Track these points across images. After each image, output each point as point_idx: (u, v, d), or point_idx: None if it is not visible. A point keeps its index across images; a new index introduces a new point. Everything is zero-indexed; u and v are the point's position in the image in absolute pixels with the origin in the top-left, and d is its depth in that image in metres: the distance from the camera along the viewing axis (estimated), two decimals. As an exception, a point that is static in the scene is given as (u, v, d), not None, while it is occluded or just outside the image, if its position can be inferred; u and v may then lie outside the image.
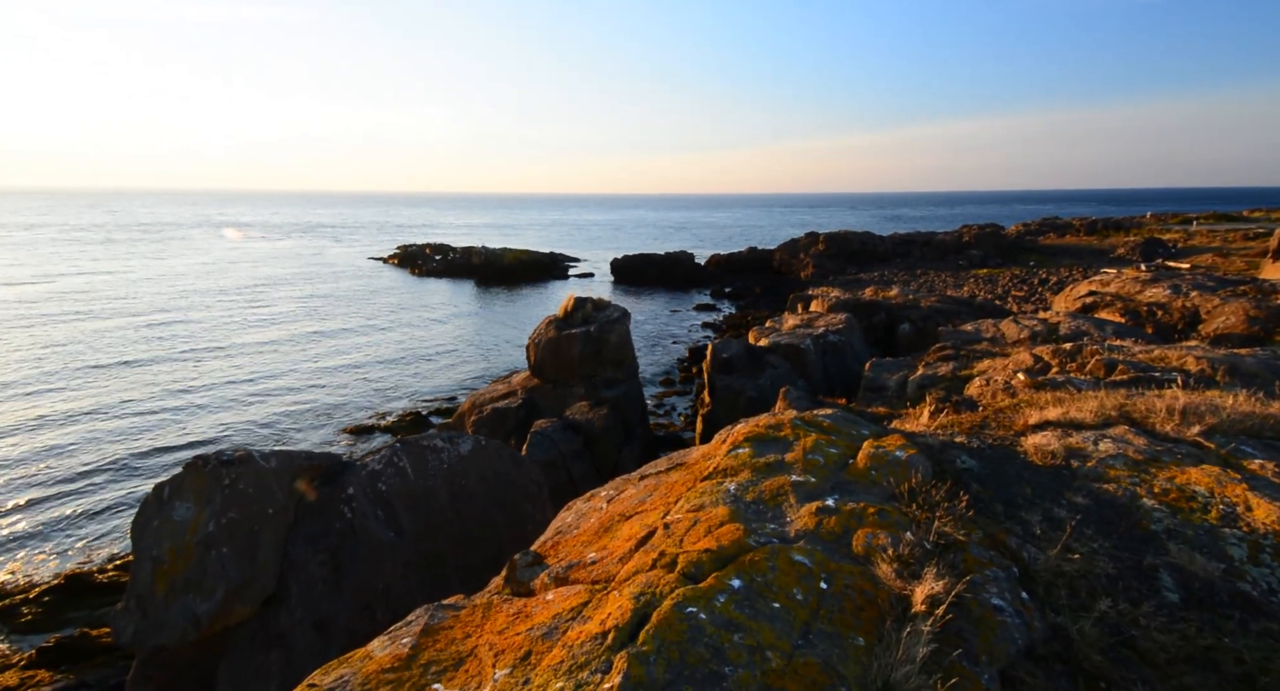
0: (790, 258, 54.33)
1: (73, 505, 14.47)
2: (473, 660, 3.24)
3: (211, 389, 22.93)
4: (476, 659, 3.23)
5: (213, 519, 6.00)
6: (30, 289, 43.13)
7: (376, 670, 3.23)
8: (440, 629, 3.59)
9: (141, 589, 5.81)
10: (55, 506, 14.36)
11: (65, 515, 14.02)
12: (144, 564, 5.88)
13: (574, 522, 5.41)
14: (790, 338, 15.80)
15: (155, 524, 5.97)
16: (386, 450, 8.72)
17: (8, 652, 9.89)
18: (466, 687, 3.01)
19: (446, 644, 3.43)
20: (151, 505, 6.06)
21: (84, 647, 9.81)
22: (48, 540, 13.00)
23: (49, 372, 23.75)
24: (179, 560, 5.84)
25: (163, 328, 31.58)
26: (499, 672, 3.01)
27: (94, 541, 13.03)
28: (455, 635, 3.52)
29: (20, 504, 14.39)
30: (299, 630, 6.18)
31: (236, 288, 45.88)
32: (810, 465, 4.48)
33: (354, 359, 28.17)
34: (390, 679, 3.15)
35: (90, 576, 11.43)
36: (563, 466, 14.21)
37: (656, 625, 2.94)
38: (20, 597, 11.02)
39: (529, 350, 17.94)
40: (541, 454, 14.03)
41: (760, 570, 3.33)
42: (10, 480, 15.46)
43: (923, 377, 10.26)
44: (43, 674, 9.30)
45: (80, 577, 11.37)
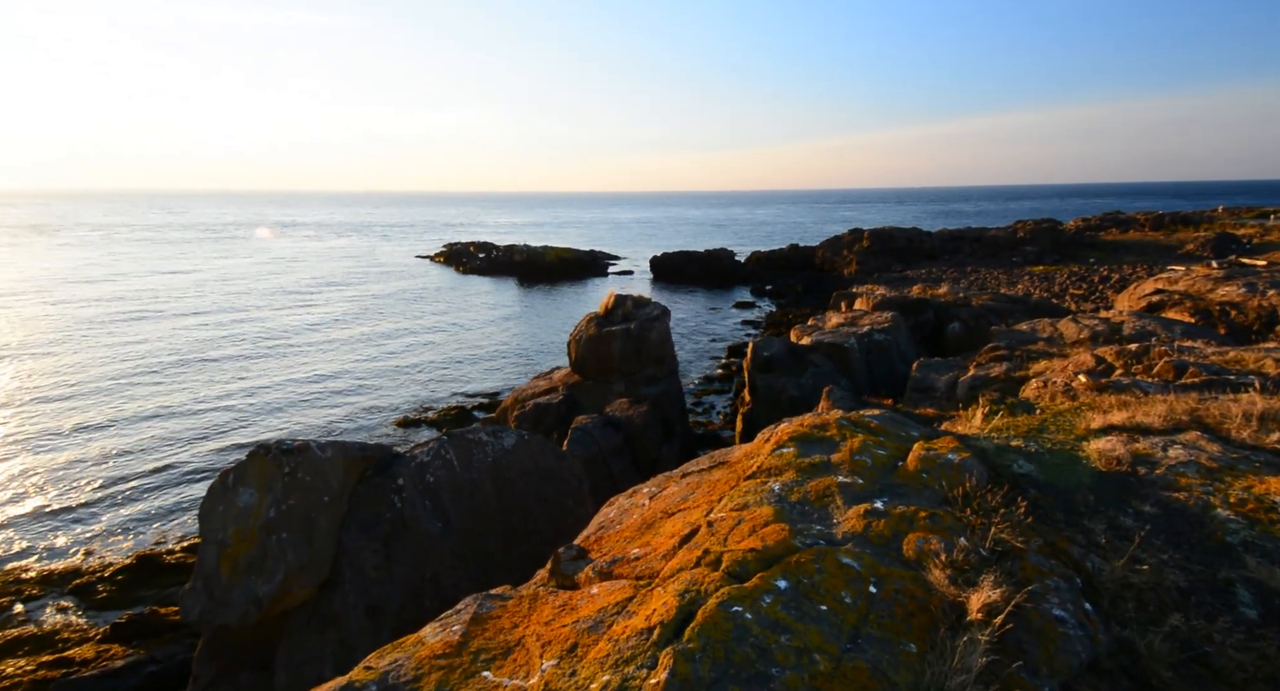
0: (833, 255, 53.27)
1: (144, 490, 15.39)
2: (520, 650, 3.30)
3: (271, 382, 24.02)
4: (524, 648, 3.30)
5: (274, 505, 6.29)
6: (107, 287, 45.97)
7: (429, 655, 3.33)
8: (489, 618, 3.68)
9: (208, 570, 6.14)
10: (129, 491, 15.30)
11: (138, 499, 14.92)
12: (210, 546, 6.21)
13: (616, 518, 5.45)
14: (833, 336, 15.49)
15: (221, 509, 6.30)
16: (434, 443, 8.95)
17: (85, 627, 10.60)
18: (515, 676, 3.07)
19: (495, 633, 3.51)
20: (217, 491, 6.40)
21: (153, 624, 10.43)
22: (122, 523, 13.87)
23: (124, 368, 25.28)
24: (242, 543, 6.15)
25: (228, 326, 33.20)
26: (546, 663, 3.07)
27: (163, 524, 13.85)
28: (503, 624, 3.60)
29: (98, 489, 15.39)
30: (352, 614, 6.42)
31: (294, 286, 47.84)
32: (857, 466, 4.40)
33: (402, 354, 29.03)
34: (442, 665, 3.25)
35: (160, 557, 12.15)
36: (603, 462, 14.31)
37: (702, 623, 2.94)
38: (97, 576, 11.79)
39: (570, 347, 18.13)
40: (582, 449, 14.16)
41: (807, 572, 3.29)
42: (88, 468, 16.54)
43: (974, 379, 9.92)
44: (116, 648, 9.93)
45: (151, 558, 12.09)
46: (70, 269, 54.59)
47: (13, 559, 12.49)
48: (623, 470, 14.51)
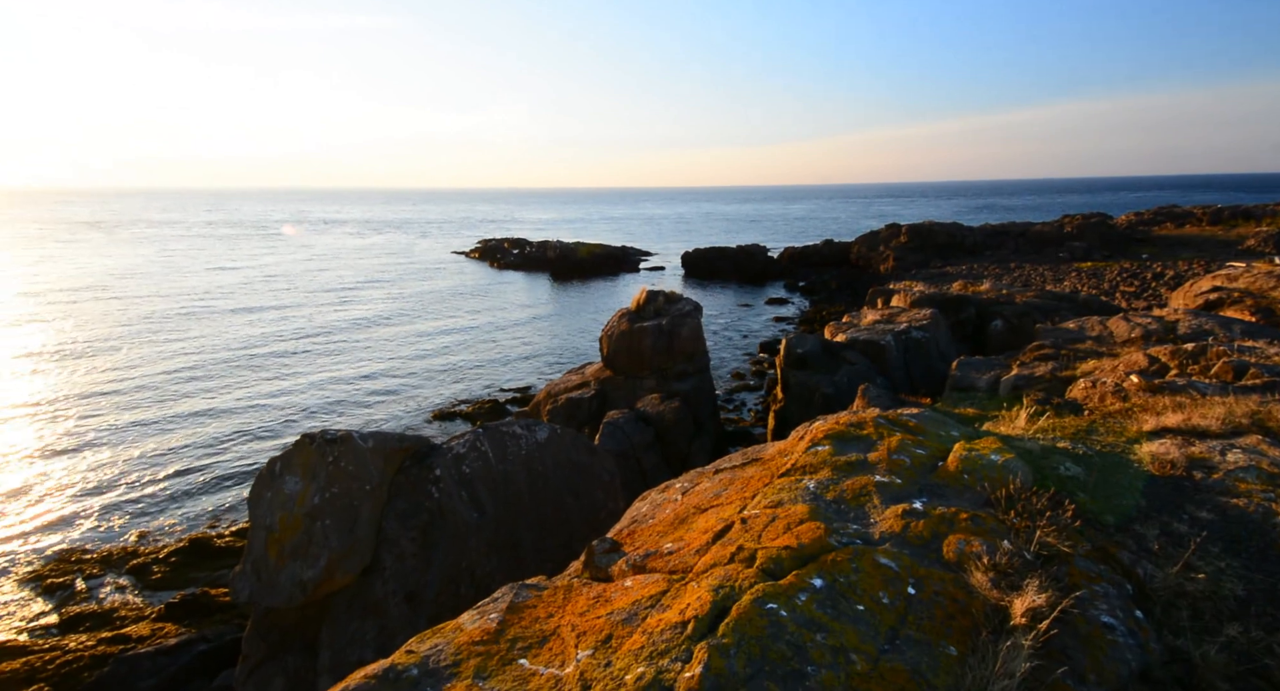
0: (869, 250, 52.22)
1: (196, 477, 16.10)
2: (556, 639, 3.36)
3: (313, 376, 24.81)
4: (559, 638, 3.35)
5: (318, 492, 6.51)
6: (160, 284, 48.05)
7: (467, 642, 3.41)
8: (525, 607, 3.75)
9: (256, 554, 6.40)
10: (182, 478, 16.03)
11: (190, 486, 15.63)
12: (259, 531, 6.47)
13: (649, 512, 5.48)
14: (869, 333, 15.21)
15: (268, 495, 6.56)
16: (470, 435, 9.12)
17: (141, 605, 11.16)
18: (551, 665, 3.13)
19: (531, 622, 3.57)
20: (265, 478, 6.66)
21: (204, 605, 10.92)
22: (175, 507, 14.56)
23: (176, 363, 26.42)
24: (288, 529, 6.39)
25: (274, 322, 34.36)
26: (581, 653, 3.11)
27: (214, 509, 14.48)
28: (539, 614, 3.66)
29: (152, 476, 16.16)
30: (392, 600, 6.61)
31: (336, 282, 49.23)
32: (895, 465, 4.32)
33: (437, 349, 29.62)
34: (480, 651, 3.32)
35: (210, 541, 12.70)
36: (633, 457, 14.38)
37: (736, 619, 2.94)
38: (152, 557, 12.39)
39: (602, 342, 18.22)
40: (614, 444, 14.25)
41: (843, 571, 3.25)
42: (144, 456, 17.37)
43: (1017, 378, 9.63)
44: (169, 627, 10.43)
45: (202, 541, 12.65)
46: (126, 265, 57.23)
47: (75, 540, 13.22)
48: (653, 465, 14.54)
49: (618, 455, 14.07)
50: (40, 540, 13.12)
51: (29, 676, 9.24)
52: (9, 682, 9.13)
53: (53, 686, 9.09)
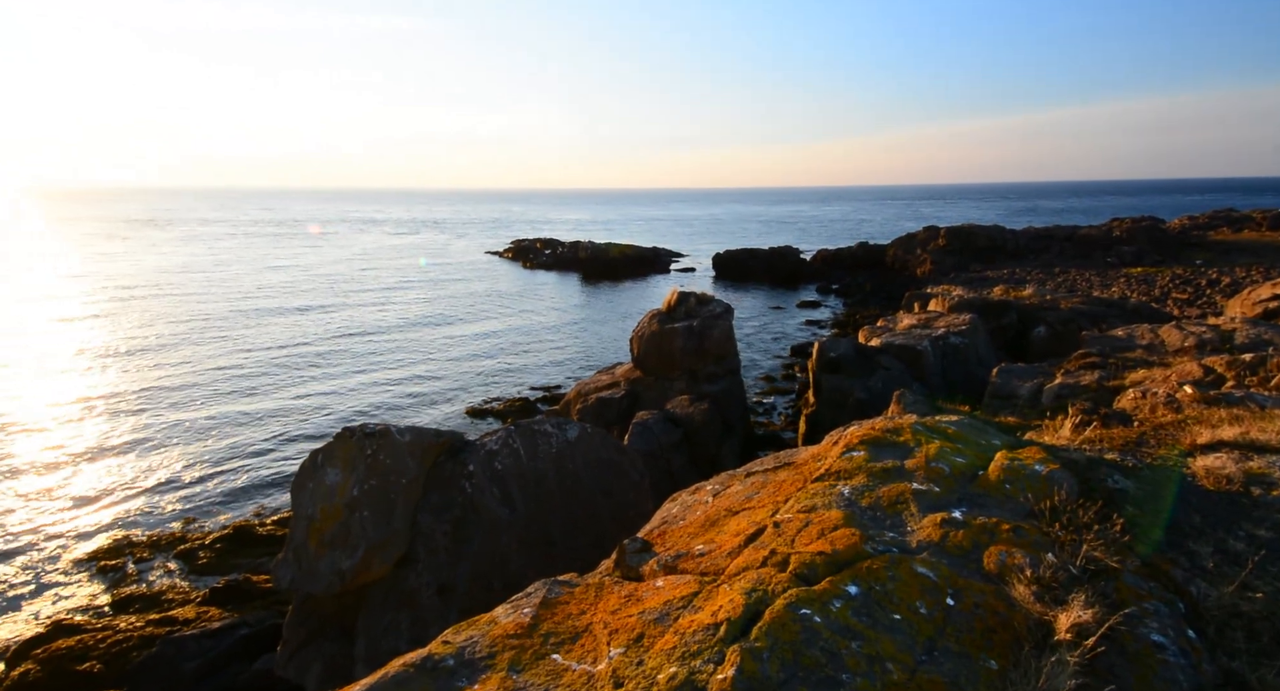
0: (905, 254, 51.17)
1: (241, 467, 16.71)
2: (588, 636, 3.39)
3: (353, 371, 25.53)
4: (591, 635, 3.38)
5: (357, 484, 6.70)
6: (209, 281, 49.95)
7: (501, 634, 3.47)
8: (557, 603, 3.79)
9: (298, 542, 6.61)
10: (227, 468, 16.65)
11: (235, 475, 16.23)
12: (300, 521, 6.69)
13: (680, 514, 5.48)
14: (905, 338, 14.90)
15: (310, 486, 6.77)
16: (503, 432, 9.25)
17: (187, 589, 11.62)
18: (583, 661, 3.16)
19: (564, 618, 3.61)
20: (308, 470, 6.88)
21: (246, 590, 11.31)
22: (221, 495, 15.15)
23: (224, 359, 27.45)
24: (328, 519, 6.58)
25: (315, 318, 35.42)
26: (614, 651, 3.14)
27: (257, 499, 15.01)
28: (571, 610, 3.70)
29: (200, 465, 16.82)
30: (425, 592, 6.75)
31: (374, 280, 50.49)
32: (934, 473, 4.24)
33: (470, 346, 30.12)
34: (514, 644, 3.38)
35: (253, 529, 13.16)
36: (662, 458, 14.37)
37: (769, 623, 2.92)
38: (198, 543, 12.89)
39: (632, 343, 18.27)
40: (643, 444, 14.27)
41: (879, 579, 3.21)
42: (192, 446, 18.08)
43: (1061, 387, 9.33)
44: (214, 610, 10.83)
45: (245, 529, 13.12)
46: (179, 263, 59.67)
47: (127, 525, 13.85)
48: (682, 466, 14.51)
49: (646, 455, 14.08)
50: (95, 525, 13.78)
51: (82, 654, 9.71)
52: (65, 658, 9.60)
53: (104, 664, 9.54)
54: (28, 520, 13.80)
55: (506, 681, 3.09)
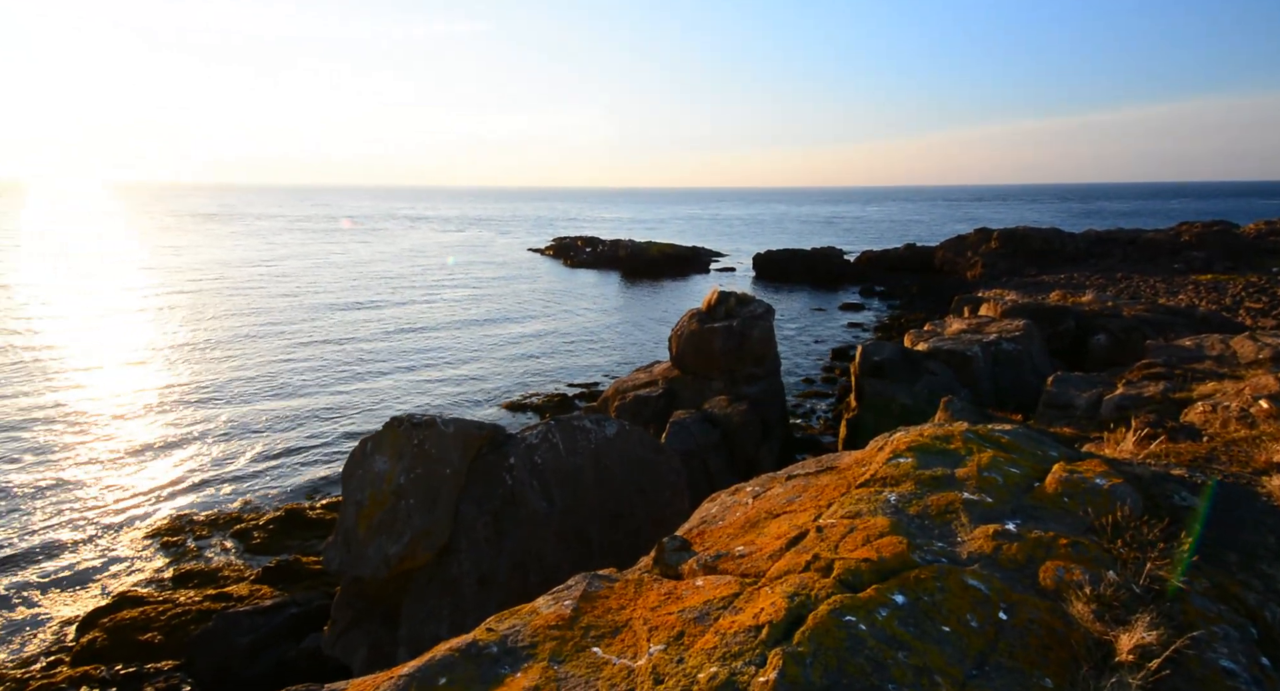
0: (955, 256, 49.57)
1: (293, 452, 17.44)
2: (628, 631, 3.41)
3: (399, 364, 26.36)
4: (631, 631, 3.41)
5: (404, 472, 6.91)
6: (267, 273, 52.16)
7: (543, 625, 3.53)
8: (597, 596, 3.83)
9: (347, 527, 6.86)
10: (281, 453, 17.40)
11: (287, 460, 16.95)
12: (350, 506, 6.93)
13: (719, 514, 5.45)
14: (954, 343, 14.43)
15: (359, 473, 7.01)
16: (542, 426, 9.37)
17: (241, 567, 12.18)
18: (623, 656, 3.18)
19: (604, 612, 3.65)
20: (358, 457, 7.12)
21: (296, 571, 11.78)
22: (275, 479, 15.84)
23: (279, 347, 28.64)
24: (376, 505, 6.81)
25: (366, 311, 36.61)
26: (654, 647, 3.15)
27: (307, 483, 15.65)
28: (610, 605, 3.73)
29: (256, 449, 17.62)
30: (466, 581, 6.91)
31: (422, 276, 51.86)
32: (986, 483, 4.10)
33: (510, 342, 30.63)
34: (555, 635, 3.43)
35: (304, 512, 13.71)
36: (699, 457, 14.32)
37: (812, 628, 2.89)
38: (252, 523, 13.50)
39: (671, 342, 18.25)
40: (680, 444, 14.24)
41: (927, 589, 3.13)
42: (250, 432, 18.95)
43: (1122, 398, 8.90)
44: (265, 589, 11.31)
45: (297, 512, 13.67)
46: (240, 256, 62.49)
47: (188, 504, 14.61)
48: (719, 467, 14.43)
49: (683, 454, 14.04)
50: (159, 503, 14.59)
51: (145, 625, 10.29)
52: (129, 628, 10.20)
53: (164, 635, 10.09)
54: (98, 497, 14.70)
55: (548, 671, 3.14)
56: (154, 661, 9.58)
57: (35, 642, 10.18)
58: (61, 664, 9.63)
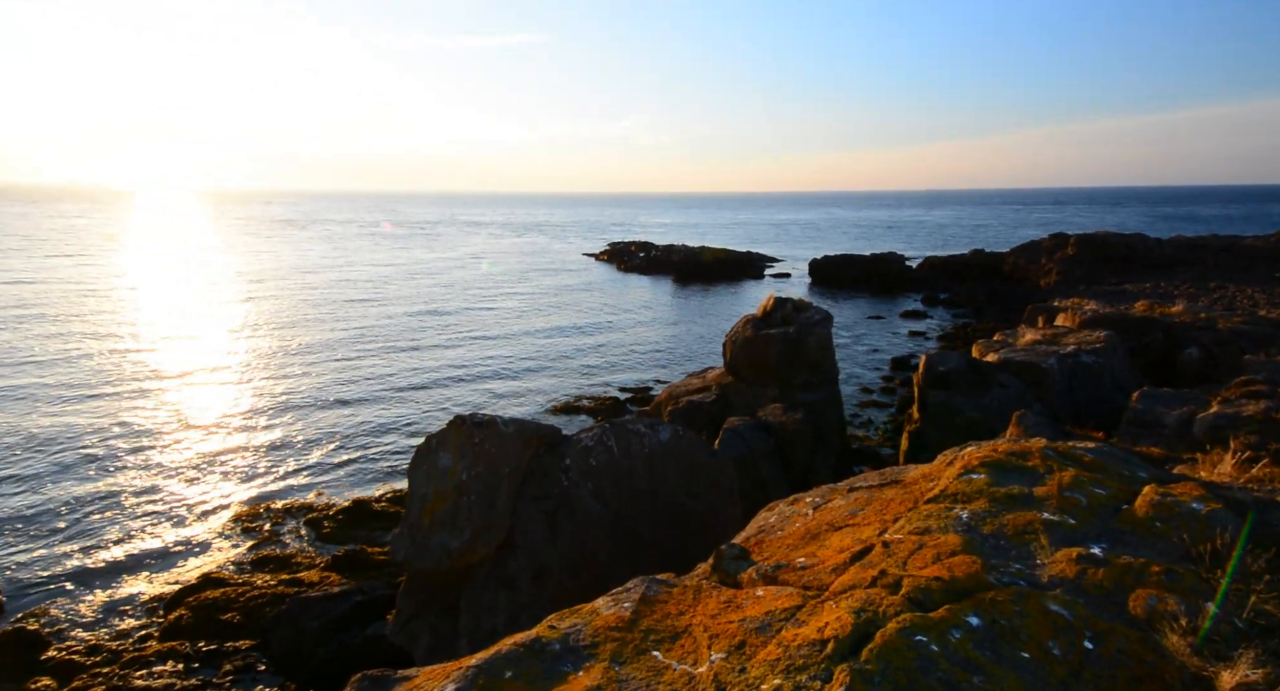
0: (1027, 262, 47.15)
1: (361, 448, 18.31)
2: (688, 637, 3.42)
3: (461, 363, 27.37)
4: (691, 637, 3.41)
5: (466, 470, 7.14)
6: (340, 276, 54.96)
7: (604, 626, 3.57)
8: (656, 600, 3.85)
9: (413, 519, 7.14)
10: (350, 448, 18.30)
11: (356, 455, 17.82)
12: (415, 500, 7.22)
13: (777, 524, 5.38)
14: (1027, 354, 13.71)
15: (425, 468, 7.29)
16: (598, 429, 9.48)
17: (313, 555, 12.83)
18: (684, 662, 3.19)
19: (662, 616, 3.67)
20: (423, 452, 7.41)
21: (361, 560, 12.32)
22: (344, 472, 16.70)
23: (349, 349, 30.15)
24: (440, 500, 7.06)
25: (428, 315, 38.04)
26: (715, 655, 3.14)
27: (374, 477, 16.41)
28: (669, 610, 3.75)
29: (329, 443, 18.59)
30: (522, 577, 7.07)
31: (480, 280, 53.47)
32: (1068, 504, 3.89)
33: (564, 345, 31.14)
34: (616, 636, 3.47)
35: (370, 504, 14.36)
36: (752, 465, 14.13)
37: (881, 646, 2.81)
38: (323, 513, 14.22)
39: (725, 347, 18.12)
40: (733, 450, 14.11)
41: (1004, 612, 2.99)
42: (323, 427, 20.01)
43: (1218, 416, 8.25)
44: (334, 576, 11.89)
45: (363, 504, 14.34)
46: (316, 260, 66.10)
47: (266, 493, 15.56)
48: (772, 475, 14.20)
49: (735, 461, 13.90)
50: (240, 490, 15.60)
51: (226, 605, 10.99)
52: (211, 608, 10.92)
53: (243, 615, 10.74)
54: (186, 484, 15.84)
55: (609, 672, 3.18)
56: (232, 640, 10.23)
57: (129, 618, 11.03)
58: (151, 639, 10.39)
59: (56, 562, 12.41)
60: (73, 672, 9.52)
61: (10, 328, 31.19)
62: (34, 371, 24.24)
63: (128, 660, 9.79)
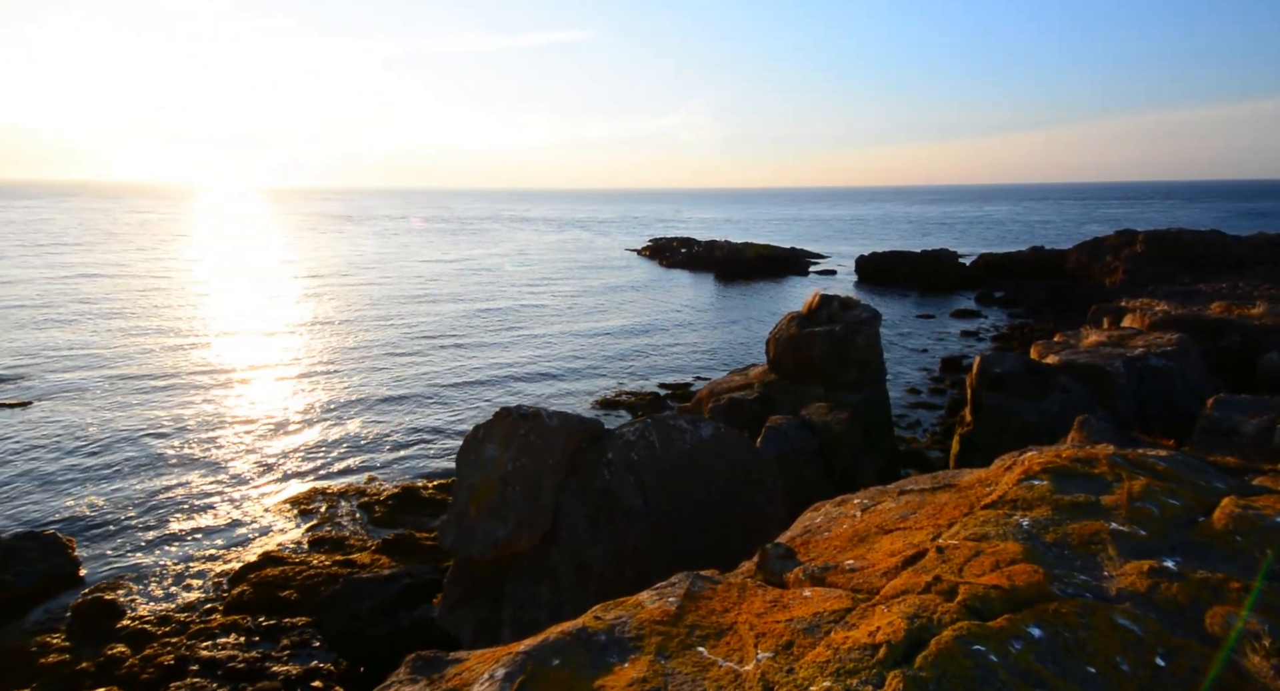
0: (1091, 260, 44.86)
1: (410, 437, 18.91)
2: (733, 634, 3.41)
3: (505, 356, 27.93)
4: (737, 634, 3.40)
5: (511, 460, 7.28)
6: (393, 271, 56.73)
7: (648, 619, 3.60)
8: (700, 596, 3.85)
9: (460, 508, 7.34)
10: (399, 437, 18.93)
11: (405, 444, 18.44)
12: (463, 489, 7.41)
13: (824, 525, 5.29)
14: (1091, 357, 13.05)
15: (472, 458, 7.48)
16: (639, 424, 9.51)
17: (365, 538, 13.33)
18: (729, 659, 3.18)
19: (707, 613, 3.66)
20: (471, 443, 7.60)
21: (409, 545, 12.73)
22: (394, 460, 17.32)
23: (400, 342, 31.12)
24: (486, 489, 7.23)
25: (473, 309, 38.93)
26: (762, 654, 3.12)
27: (421, 465, 16.94)
28: (714, 607, 3.74)
29: (380, 431, 19.27)
30: (564, 568, 7.18)
31: (525, 275, 54.35)
32: (1138, 514, 3.70)
33: (605, 339, 31.34)
34: (661, 630, 3.49)
35: (419, 491, 14.83)
36: (795, 465, 13.93)
37: (936, 653, 2.74)
38: (374, 498, 14.76)
39: (768, 345, 17.90)
40: (775, 449, 13.93)
41: (1069, 624, 2.87)
42: (374, 416, 20.75)
43: (1306, 427, 7.69)
44: (384, 559, 12.32)
45: (412, 490, 14.82)
46: (370, 254, 68.44)
47: (322, 478, 16.24)
48: (815, 476, 13.97)
49: (778, 460, 13.73)
50: (299, 475, 16.35)
51: (284, 583, 11.53)
52: (270, 585, 11.47)
53: (300, 593, 11.25)
54: (249, 468, 16.68)
55: (655, 665, 3.20)
56: (290, 617, 10.73)
57: (195, 591, 11.71)
58: (215, 612, 11.00)
59: (131, 538, 13.27)
60: (145, 641, 10.17)
61: (92, 321, 33.45)
62: (115, 363, 25.96)
63: (194, 631, 10.39)
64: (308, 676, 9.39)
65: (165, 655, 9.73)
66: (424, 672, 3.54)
